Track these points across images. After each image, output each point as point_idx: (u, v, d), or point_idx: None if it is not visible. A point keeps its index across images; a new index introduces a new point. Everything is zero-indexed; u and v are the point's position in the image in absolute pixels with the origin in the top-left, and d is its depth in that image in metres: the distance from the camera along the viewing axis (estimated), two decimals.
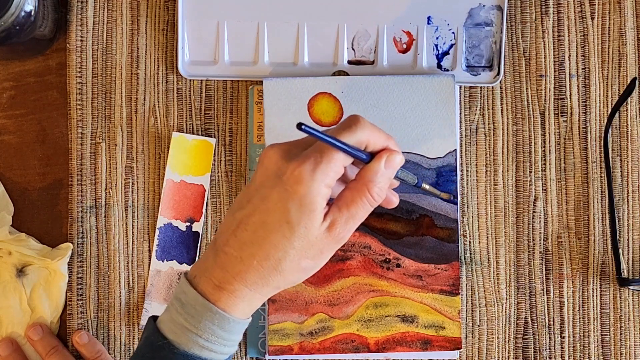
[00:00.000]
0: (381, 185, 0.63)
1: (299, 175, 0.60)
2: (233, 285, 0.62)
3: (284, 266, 0.62)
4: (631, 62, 0.82)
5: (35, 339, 0.80)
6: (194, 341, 0.62)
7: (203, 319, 0.62)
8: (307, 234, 0.61)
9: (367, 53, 0.82)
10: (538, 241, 0.82)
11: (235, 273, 0.62)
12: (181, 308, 0.63)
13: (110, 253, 0.82)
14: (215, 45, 0.82)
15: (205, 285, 0.63)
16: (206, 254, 0.64)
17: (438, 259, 0.80)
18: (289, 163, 0.61)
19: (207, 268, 0.63)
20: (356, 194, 0.63)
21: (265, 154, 0.62)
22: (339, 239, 0.63)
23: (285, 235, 0.61)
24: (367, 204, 0.63)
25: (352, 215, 0.63)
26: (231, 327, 0.63)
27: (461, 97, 0.82)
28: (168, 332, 0.63)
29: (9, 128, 0.84)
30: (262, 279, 0.62)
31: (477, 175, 0.82)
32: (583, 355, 0.82)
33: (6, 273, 0.81)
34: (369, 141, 0.63)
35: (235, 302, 0.62)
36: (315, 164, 0.60)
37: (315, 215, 0.61)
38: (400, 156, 0.64)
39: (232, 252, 0.62)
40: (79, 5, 0.83)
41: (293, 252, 0.61)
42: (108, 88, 0.83)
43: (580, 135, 0.82)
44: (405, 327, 0.80)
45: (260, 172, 0.62)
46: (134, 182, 0.82)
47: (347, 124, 0.62)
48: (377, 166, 0.63)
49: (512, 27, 0.82)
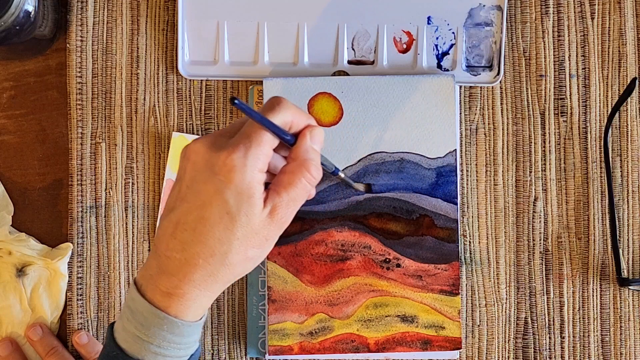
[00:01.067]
0: (316, 162, 0.62)
1: (231, 164, 0.58)
2: (182, 289, 0.61)
3: (230, 259, 0.60)
4: (631, 62, 0.82)
5: (35, 339, 0.80)
6: (146, 349, 0.61)
7: (153, 326, 0.61)
8: (249, 222, 0.60)
9: (367, 53, 0.82)
10: (538, 241, 0.82)
11: (182, 276, 0.60)
12: (131, 316, 0.62)
13: (110, 253, 0.82)
14: (215, 45, 0.82)
15: (153, 293, 0.61)
16: (149, 262, 0.62)
17: (438, 259, 0.80)
18: (218, 153, 0.59)
19: (152, 275, 0.61)
20: (293, 176, 0.61)
21: (191, 149, 0.61)
22: (282, 223, 0.61)
23: (228, 227, 0.59)
24: (306, 184, 0.62)
25: (292, 198, 0.61)
26: (182, 331, 0.62)
27: (461, 97, 0.82)
28: (121, 341, 0.62)
29: (9, 128, 0.84)
30: (210, 276, 0.61)
31: (477, 175, 0.82)
32: (583, 355, 0.82)
33: (6, 273, 0.81)
34: (292, 122, 0.62)
35: (187, 304, 0.61)
36: (246, 150, 0.59)
37: (255, 201, 0.59)
38: (322, 130, 0.63)
39: (175, 255, 0.60)
40: (79, 5, 0.83)
41: (237, 242, 0.60)
42: (108, 88, 0.83)
43: (580, 135, 0.82)
44: (405, 327, 0.80)
45: (189, 168, 0.60)
46: (134, 182, 0.82)
47: (270, 105, 0.61)
48: (305, 143, 0.62)
49: (512, 27, 0.82)
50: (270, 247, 0.62)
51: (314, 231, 0.80)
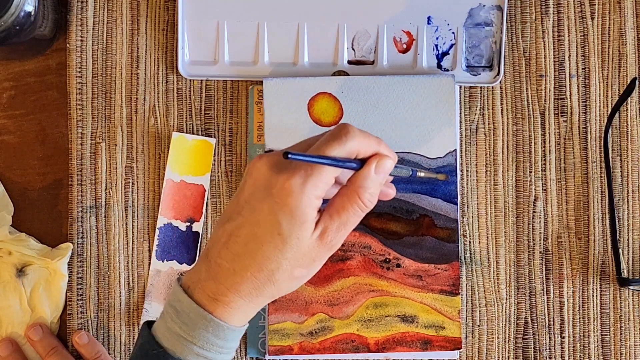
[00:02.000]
0: (372, 191, 0.63)
1: (289, 188, 0.60)
2: (228, 297, 0.62)
3: (277, 277, 0.62)
4: (631, 62, 0.82)
5: (35, 339, 0.80)
6: (190, 349, 0.62)
7: (198, 327, 0.62)
8: (299, 244, 0.61)
9: (367, 53, 0.82)
10: (538, 241, 0.82)
11: (229, 285, 0.62)
12: (176, 316, 0.63)
13: (110, 253, 0.82)
14: (215, 45, 0.82)
15: (200, 296, 0.63)
16: (199, 265, 0.64)
17: (438, 259, 0.80)
18: (278, 175, 0.60)
19: (201, 279, 0.63)
20: (346, 200, 0.62)
21: (254, 165, 0.62)
22: (331, 246, 0.63)
23: (278, 247, 0.61)
24: (358, 210, 0.63)
25: (344, 222, 0.62)
26: (226, 335, 0.63)
27: (461, 97, 0.82)
28: (163, 340, 0.63)
29: (9, 128, 0.84)
30: (256, 289, 0.62)
31: (477, 175, 0.82)
32: (583, 355, 0.82)
33: (6, 273, 0.81)
34: (359, 150, 0.62)
35: (231, 312, 0.62)
36: (305, 177, 0.60)
37: (307, 226, 0.61)
38: (391, 160, 0.63)
39: (225, 264, 0.62)
40: (79, 5, 0.83)
41: (286, 262, 0.61)
42: (108, 88, 0.83)
43: (580, 135, 0.82)
44: (405, 327, 0.80)
45: (249, 183, 0.62)
46: (134, 182, 0.82)
47: (336, 134, 0.62)
48: (366, 172, 0.63)
49: (512, 27, 0.82)
50: (317, 268, 0.64)
51: None
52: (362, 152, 0.63)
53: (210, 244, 0.64)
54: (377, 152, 0.63)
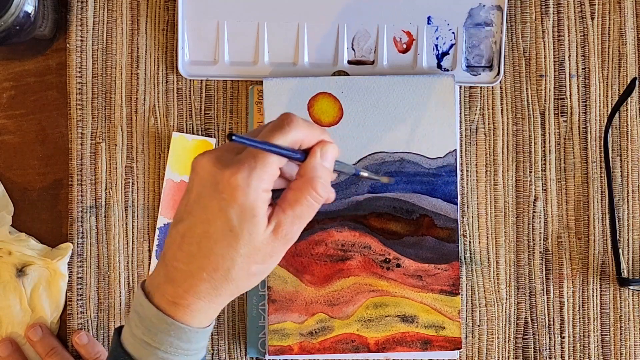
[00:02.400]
0: (323, 180, 0.62)
1: (235, 183, 0.58)
2: (187, 300, 0.61)
3: (233, 275, 0.61)
4: (631, 62, 0.82)
5: (34, 340, 0.80)
6: (155, 355, 0.61)
7: (160, 332, 0.61)
8: (252, 239, 0.60)
9: (367, 53, 0.82)
10: (538, 241, 0.82)
11: (187, 287, 0.61)
12: (139, 322, 0.62)
13: (110, 253, 0.82)
14: (215, 45, 0.82)
15: (160, 300, 0.62)
16: (157, 269, 0.63)
17: (438, 259, 0.80)
18: (223, 171, 0.59)
19: (159, 284, 0.62)
20: (299, 193, 0.61)
21: (198, 162, 0.61)
22: (287, 240, 0.62)
23: (231, 243, 0.60)
24: (311, 201, 0.61)
25: (298, 215, 0.61)
26: (190, 338, 0.62)
27: (461, 97, 0.82)
28: (129, 347, 0.62)
29: (9, 128, 0.84)
30: (214, 289, 0.61)
31: (477, 175, 0.82)
32: (583, 355, 0.82)
33: (6, 273, 0.81)
34: (303, 140, 0.61)
35: (192, 315, 0.62)
36: (250, 170, 0.59)
37: (258, 220, 0.60)
38: (335, 147, 0.62)
39: (181, 266, 0.61)
40: (79, 5, 0.83)
41: (241, 259, 0.60)
42: (108, 88, 0.83)
43: (580, 135, 0.82)
44: (405, 327, 0.80)
45: (196, 182, 0.61)
46: (134, 182, 0.82)
47: (279, 124, 0.61)
48: (314, 161, 0.61)
49: (512, 27, 0.82)
50: (275, 263, 0.63)
51: (313, 231, 0.80)
52: (305, 143, 0.61)
53: (166, 246, 0.62)
54: (321, 140, 0.62)
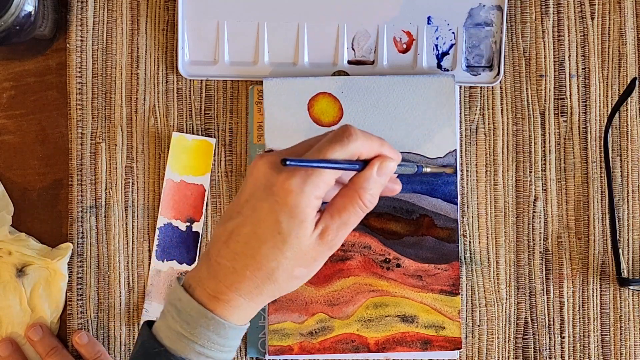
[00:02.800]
0: (372, 192, 0.63)
1: (289, 188, 0.60)
2: (228, 296, 0.62)
3: (277, 276, 0.62)
4: (631, 62, 0.82)
5: (35, 340, 0.80)
6: (191, 348, 0.62)
7: (199, 326, 0.62)
8: (299, 243, 0.61)
9: (367, 53, 0.82)
10: (538, 241, 0.82)
11: (229, 283, 0.62)
12: (177, 315, 0.63)
13: (110, 253, 0.82)
14: (215, 45, 0.82)
15: (200, 294, 0.63)
16: (200, 264, 0.64)
17: (438, 259, 0.80)
18: (278, 175, 0.61)
19: (202, 278, 0.63)
20: (347, 201, 0.63)
21: (255, 164, 0.62)
22: (332, 246, 0.63)
23: (277, 245, 0.61)
24: (358, 210, 0.63)
25: (344, 222, 0.63)
26: (227, 333, 0.63)
27: (461, 97, 0.82)
28: (164, 339, 0.63)
29: (9, 128, 0.84)
30: (256, 288, 0.62)
31: (477, 175, 0.82)
32: (583, 355, 0.82)
33: (6, 273, 0.81)
34: (361, 152, 0.62)
35: (231, 311, 0.63)
36: (306, 177, 0.60)
37: (306, 225, 0.61)
38: (394, 162, 0.64)
39: (225, 263, 0.62)
40: (79, 5, 0.83)
41: (286, 261, 0.62)
42: (108, 88, 0.83)
43: (580, 135, 0.82)
44: (405, 327, 0.80)
45: (250, 182, 0.62)
46: (134, 182, 0.82)
47: (339, 136, 0.62)
48: (368, 174, 0.63)
49: (512, 27, 0.82)
50: (318, 267, 0.64)
51: None
52: (364, 154, 0.63)
53: (211, 242, 0.64)
54: (380, 154, 0.63)
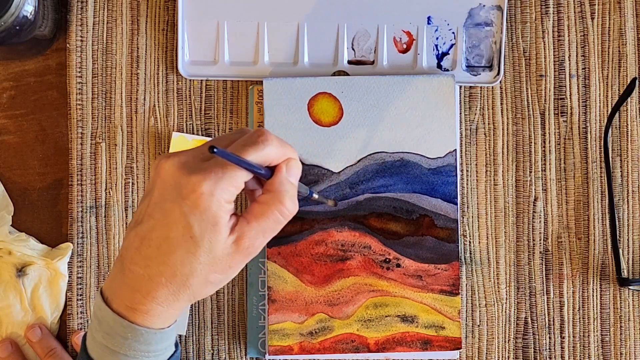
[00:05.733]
0: (291, 194, 0.61)
1: (199, 191, 0.58)
2: (145, 306, 0.60)
3: (191, 282, 0.60)
4: (631, 62, 0.82)
5: (34, 341, 0.80)
6: (116, 358, 0.61)
7: (117, 335, 0.61)
8: (212, 248, 0.59)
9: (367, 53, 0.82)
10: (538, 241, 0.82)
11: (145, 293, 0.60)
12: (98, 326, 0.62)
13: (110, 253, 0.82)
14: (215, 45, 0.82)
15: (118, 306, 0.61)
16: (114, 272, 0.62)
17: (438, 259, 0.80)
18: (188, 177, 0.58)
19: (116, 288, 0.61)
20: (266, 207, 0.61)
21: (162, 165, 0.60)
22: (248, 253, 0.61)
23: (190, 250, 0.59)
24: (279, 216, 0.61)
25: (263, 229, 0.61)
26: (148, 339, 0.61)
27: (461, 97, 0.82)
28: (91, 351, 0.62)
29: (9, 128, 0.84)
30: (172, 295, 0.60)
31: (477, 175, 0.82)
32: (583, 355, 0.82)
33: (6, 273, 0.81)
34: (272, 159, 0.61)
35: (151, 320, 0.61)
36: (217, 180, 0.58)
37: (219, 229, 0.59)
38: (299, 163, 0.62)
39: (139, 270, 0.60)
40: (79, 5, 0.83)
41: (200, 267, 0.60)
42: (108, 88, 0.83)
43: (580, 135, 0.82)
44: (405, 327, 0.80)
45: (158, 184, 0.60)
46: (134, 182, 0.82)
47: (254, 140, 0.60)
48: (281, 176, 0.61)
49: (512, 27, 0.82)
50: (234, 274, 0.62)
51: (313, 231, 0.80)
52: (275, 161, 0.61)
53: (124, 248, 0.61)
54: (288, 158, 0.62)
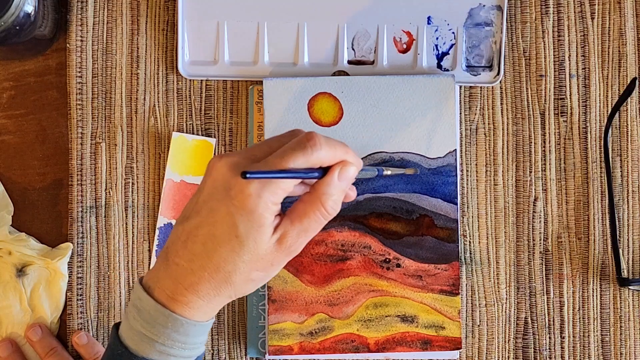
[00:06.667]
0: (335, 198, 0.62)
1: (247, 192, 0.59)
2: (186, 297, 0.62)
3: (234, 279, 0.61)
4: (631, 62, 0.82)
5: (34, 340, 0.80)
6: (152, 347, 0.62)
7: (157, 324, 0.62)
8: (256, 247, 0.60)
9: (367, 53, 0.82)
10: (538, 241, 0.82)
11: (187, 285, 0.62)
12: (137, 314, 0.62)
13: (110, 253, 0.82)
14: (215, 45, 0.82)
15: (159, 295, 0.62)
16: (158, 264, 0.63)
17: (438, 259, 0.80)
18: (237, 177, 0.59)
19: (160, 278, 0.62)
20: (309, 207, 0.62)
21: (214, 165, 0.61)
22: (290, 252, 0.62)
23: (235, 249, 0.60)
24: (320, 217, 0.62)
25: (305, 228, 0.62)
26: (187, 331, 0.62)
27: (461, 97, 0.82)
28: (127, 340, 0.63)
29: (9, 128, 0.84)
30: (213, 289, 0.62)
31: (477, 175, 0.82)
32: (583, 355, 0.82)
33: (6, 273, 0.81)
34: (323, 161, 0.61)
35: (190, 311, 0.62)
36: (264, 182, 0.59)
37: (264, 230, 0.60)
38: (354, 167, 0.63)
39: (183, 264, 0.61)
40: (79, 5, 0.83)
41: (243, 265, 0.61)
42: (108, 88, 0.83)
43: (580, 135, 0.82)
44: (405, 327, 0.80)
45: (209, 183, 0.61)
46: (134, 182, 0.82)
47: (302, 145, 0.61)
48: (329, 180, 0.62)
49: (512, 27, 0.82)
50: (276, 272, 0.64)
51: None
52: (326, 163, 0.62)
53: (170, 242, 0.63)
54: (342, 160, 0.62)
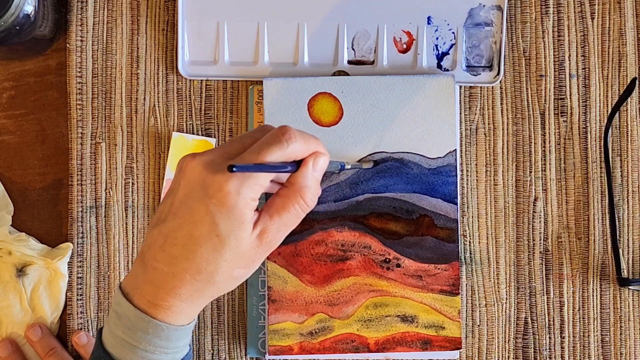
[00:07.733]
0: (313, 190, 0.63)
1: (226, 189, 0.59)
2: (167, 302, 0.61)
3: (216, 278, 0.61)
4: (631, 62, 0.82)
5: (34, 340, 0.80)
6: (134, 353, 0.61)
7: (138, 330, 0.61)
8: (237, 245, 0.60)
9: (367, 53, 0.82)
10: (538, 241, 0.82)
11: (168, 289, 0.61)
12: (118, 320, 0.62)
13: (110, 253, 0.82)
14: (215, 45, 0.82)
15: (139, 301, 0.61)
16: (135, 269, 0.63)
17: (438, 259, 0.80)
18: (214, 175, 0.59)
19: (139, 284, 0.62)
20: (288, 201, 0.62)
21: (187, 164, 0.61)
22: (271, 246, 0.62)
23: (216, 248, 0.60)
24: (299, 210, 0.63)
25: (284, 222, 0.62)
26: (168, 335, 0.62)
27: (461, 97, 0.82)
28: (109, 346, 0.62)
29: (9, 128, 0.84)
30: (196, 291, 0.61)
31: (477, 175, 0.82)
32: (583, 355, 0.82)
33: (6, 273, 0.81)
34: (297, 154, 0.62)
35: (173, 316, 0.62)
36: (242, 178, 0.59)
37: (245, 227, 0.60)
38: (326, 157, 0.63)
39: (162, 268, 0.61)
40: (79, 5, 0.83)
41: (225, 264, 0.61)
42: (108, 88, 0.83)
43: (580, 135, 0.82)
44: (405, 327, 0.80)
45: (183, 183, 0.61)
46: (134, 182, 0.82)
47: (277, 138, 0.61)
48: (305, 171, 0.62)
49: (512, 27, 0.82)
50: (256, 267, 0.63)
51: (313, 231, 0.80)
52: (300, 155, 0.62)
53: (145, 246, 0.62)
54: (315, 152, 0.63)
